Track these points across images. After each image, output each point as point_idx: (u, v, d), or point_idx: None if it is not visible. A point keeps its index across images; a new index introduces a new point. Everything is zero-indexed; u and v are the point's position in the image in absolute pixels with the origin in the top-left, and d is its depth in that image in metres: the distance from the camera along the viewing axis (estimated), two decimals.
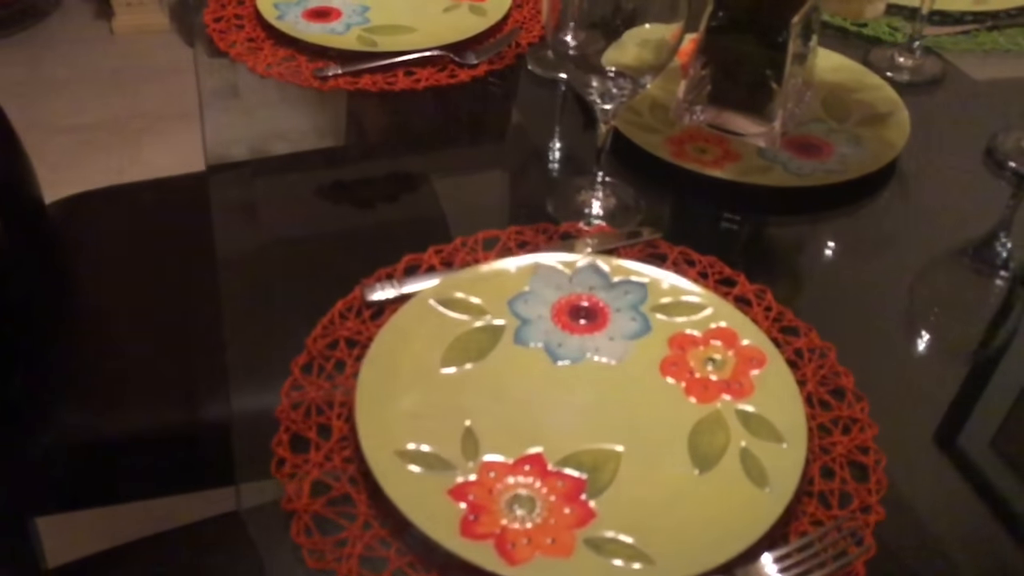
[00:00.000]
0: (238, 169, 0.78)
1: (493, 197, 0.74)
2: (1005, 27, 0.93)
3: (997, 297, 0.67)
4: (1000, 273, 0.69)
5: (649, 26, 0.65)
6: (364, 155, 0.81)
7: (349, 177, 0.78)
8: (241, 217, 0.72)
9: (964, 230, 0.72)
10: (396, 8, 0.94)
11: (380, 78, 0.84)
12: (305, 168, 0.79)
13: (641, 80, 0.63)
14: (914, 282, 0.67)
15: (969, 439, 0.56)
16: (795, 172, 0.73)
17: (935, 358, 0.62)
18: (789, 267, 0.68)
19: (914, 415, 0.57)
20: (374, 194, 0.75)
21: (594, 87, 0.63)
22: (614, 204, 0.70)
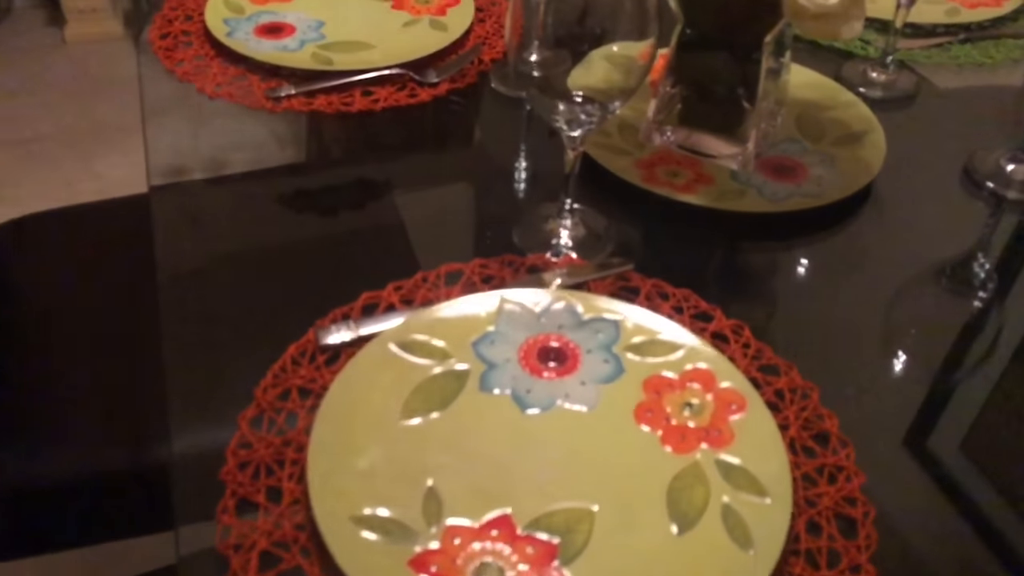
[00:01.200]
0: (183, 191, 0.74)
1: (456, 226, 0.70)
2: (978, 40, 0.91)
3: (979, 324, 0.64)
4: (979, 295, 0.66)
5: (617, 46, 0.63)
6: (321, 177, 0.77)
7: (304, 203, 0.73)
8: (185, 247, 0.67)
9: (942, 252, 0.70)
10: (353, 23, 0.90)
11: (336, 98, 0.80)
12: (257, 190, 0.75)
13: (610, 105, 0.60)
14: (893, 310, 0.65)
15: (961, 479, 0.53)
16: (770, 197, 0.70)
17: (919, 389, 0.59)
18: (766, 298, 0.66)
19: (900, 458, 0.54)
20: (331, 221, 0.71)
21: (560, 113, 0.60)
22: (583, 233, 0.67)
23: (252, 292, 0.63)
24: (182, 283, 0.64)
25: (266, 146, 0.79)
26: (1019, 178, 0.73)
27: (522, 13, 0.59)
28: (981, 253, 0.70)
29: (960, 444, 0.55)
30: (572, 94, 0.61)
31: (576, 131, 0.60)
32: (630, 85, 0.60)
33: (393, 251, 0.67)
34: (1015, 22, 0.95)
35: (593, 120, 0.59)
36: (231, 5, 0.91)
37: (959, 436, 0.56)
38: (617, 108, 0.60)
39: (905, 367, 0.60)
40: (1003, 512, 0.52)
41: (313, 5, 0.92)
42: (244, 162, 0.77)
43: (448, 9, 0.92)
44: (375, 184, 0.75)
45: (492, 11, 0.94)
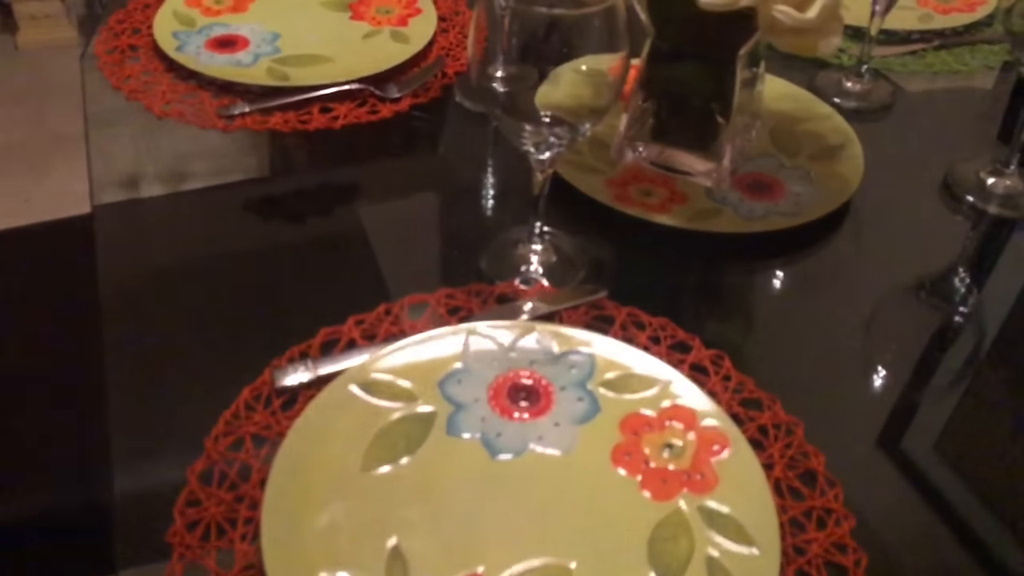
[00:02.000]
0: (127, 212, 0.70)
1: (421, 252, 0.67)
2: (952, 46, 0.90)
3: (969, 349, 0.62)
4: (965, 316, 0.64)
5: (586, 61, 0.60)
6: (277, 199, 0.73)
7: (259, 227, 0.69)
8: (130, 276, 0.63)
9: (924, 269, 0.67)
10: (310, 36, 0.86)
11: (293, 116, 0.77)
12: (209, 211, 0.71)
13: (580, 127, 0.56)
14: (875, 332, 0.62)
15: (958, 511, 0.51)
16: (747, 215, 0.67)
17: (904, 418, 0.57)
18: (745, 323, 0.63)
19: (889, 498, 0.51)
20: (289, 247, 0.67)
21: (527, 135, 0.56)
22: (554, 258, 0.64)
23: (203, 327, 0.59)
24: (126, 317, 0.60)
25: (220, 162, 0.75)
26: (999, 192, 0.72)
27: (486, 25, 0.56)
28: (964, 270, 0.67)
29: (954, 469, 0.53)
30: (539, 114, 0.58)
31: (544, 154, 0.57)
32: (600, 103, 0.57)
33: (355, 279, 0.63)
34: (989, 27, 0.93)
35: (563, 142, 0.56)
36: (181, 17, 0.87)
37: (949, 463, 0.54)
38: (587, 130, 0.56)
39: (889, 393, 0.58)
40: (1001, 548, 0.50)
41: (268, 16, 0.88)
42: (196, 179, 0.74)
43: (410, 19, 0.89)
44: (334, 207, 0.71)
45: (456, 21, 0.91)
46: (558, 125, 0.56)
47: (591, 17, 0.52)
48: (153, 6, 0.89)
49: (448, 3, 0.93)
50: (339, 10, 0.90)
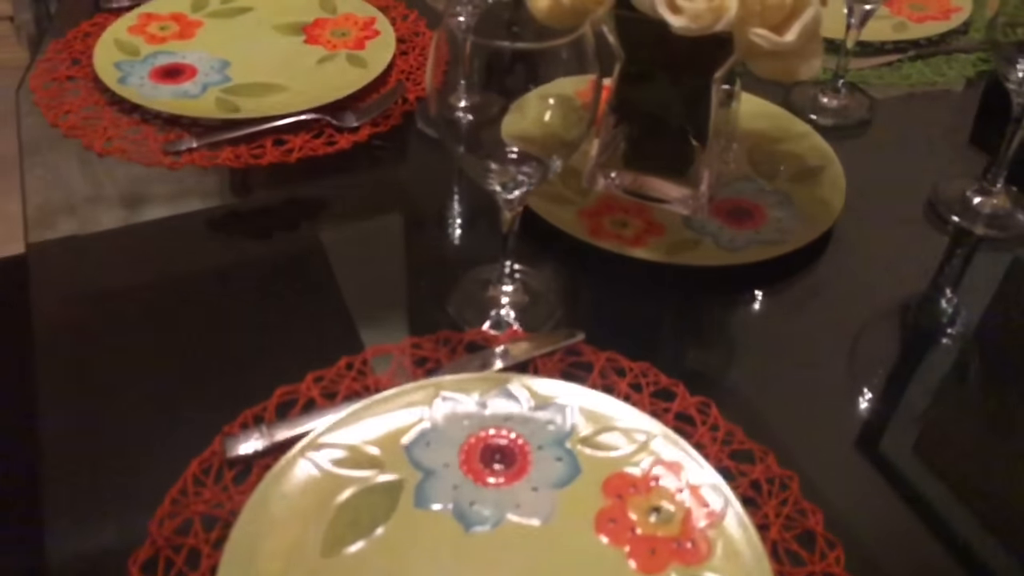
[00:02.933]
0: (66, 249, 0.65)
1: (384, 295, 0.62)
2: (928, 56, 0.87)
3: (969, 384, 0.59)
4: (954, 338, 0.61)
5: (554, 88, 0.56)
6: (229, 239, 0.68)
7: (207, 272, 0.65)
8: (66, 322, 0.59)
9: (912, 295, 0.65)
10: (261, 62, 0.82)
11: (245, 150, 0.72)
12: (155, 250, 0.66)
13: (550, 162, 0.53)
14: (866, 368, 0.59)
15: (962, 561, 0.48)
16: (727, 246, 0.64)
17: (903, 458, 0.54)
18: (730, 364, 0.59)
19: (891, 554, 0.48)
20: (240, 294, 0.63)
21: (493, 173, 0.52)
22: (527, 299, 0.60)
23: (147, 388, 0.55)
24: (60, 378, 0.55)
25: (167, 195, 0.70)
26: (986, 211, 0.69)
27: (446, 54, 0.52)
28: (955, 297, 0.64)
29: (963, 513, 0.50)
30: (505, 150, 0.54)
31: (513, 193, 0.53)
32: (572, 133, 0.54)
33: (313, 328, 0.59)
34: (964, 35, 0.91)
35: (532, 181, 0.52)
36: (124, 46, 0.82)
37: (954, 506, 0.51)
38: (558, 166, 0.53)
39: (884, 434, 0.55)
40: None
41: (217, 43, 0.84)
42: (141, 213, 0.69)
43: (367, 42, 0.85)
44: (290, 248, 0.67)
45: (416, 43, 0.87)
46: (526, 162, 0.53)
47: (558, 49, 0.48)
48: (94, 34, 0.84)
49: (407, 24, 0.89)
50: (292, 34, 0.86)
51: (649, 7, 0.54)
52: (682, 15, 0.53)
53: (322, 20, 0.87)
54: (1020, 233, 0.68)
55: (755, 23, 0.53)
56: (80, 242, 0.66)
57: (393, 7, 0.91)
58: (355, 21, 0.87)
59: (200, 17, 0.87)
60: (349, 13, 0.88)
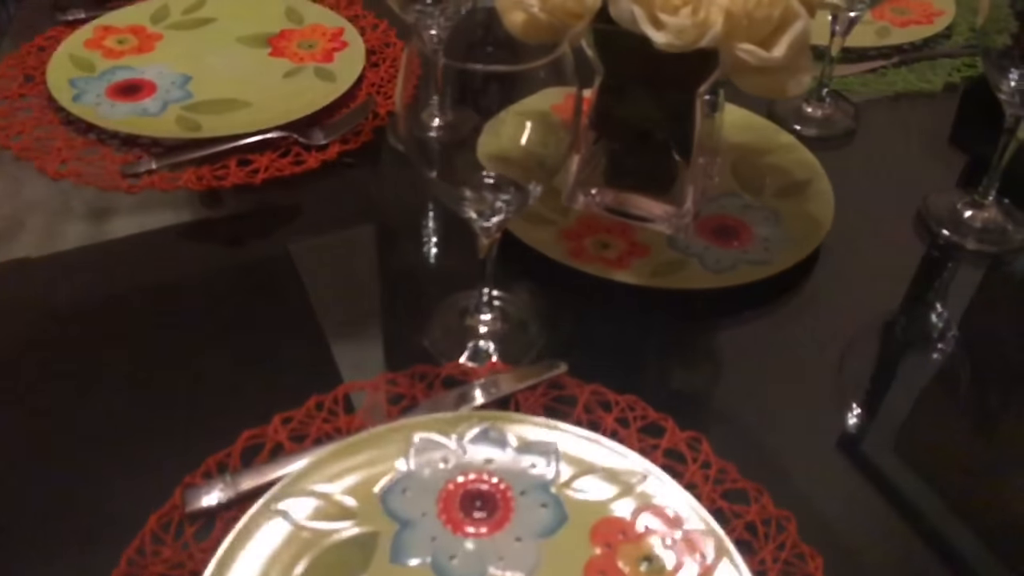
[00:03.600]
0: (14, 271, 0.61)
1: (356, 326, 0.59)
2: (913, 62, 0.85)
3: (970, 416, 0.57)
4: (945, 351, 0.59)
5: (532, 102, 0.54)
6: (187, 265, 0.65)
7: (167, 300, 0.61)
8: (10, 350, 0.55)
9: (904, 313, 0.63)
10: (224, 77, 0.78)
11: (207, 171, 0.69)
12: (104, 275, 0.62)
13: (530, 189, 0.50)
14: (860, 392, 0.57)
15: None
16: (713, 267, 0.61)
17: (906, 490, 0.51)
18: (721, 394, 0.57)
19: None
20: (202, 326, 0.59)
21: (468, 201, 0.50)
22: (506, 328, 0.57)
23: (98, 433, 0.51)
24: (2, 420, 0.52)
25: (119, 214, 0.66)
26: (977, 225, 0.67)
27: (417, 68, 0.49)
28: (947, 314, 0.62)
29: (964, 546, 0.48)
30: (481, 174, 0.51)
31: (490, 220, 0.50)
32: (550, 153, 0.51)
33: (280, 363, 0.56)
34: (948, 39, 0.89)
35: (510, 208, 0.50)
36: (79, 62, 0.78)
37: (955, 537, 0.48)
38: (538, 192, 0.50)
39: (880, 463, 0.52)
40: None
41: (177, 57, 0.80)
42: (88, 234, 0.65)
43: (335, 54, 0.81)
44: (253, 276, 0.63)
45: (387, 54, 0.83)
46: (503, 188, 0.50)
47: (535, 71, 0.45)
48: (49, 48, 0.80)
49: (377, 35, 0.85)
50: (257, 46, 0.82)
51: (630, 22, 0.51)
52: (665, 31, 0.50)
53: (288, 31, 0.84)
54: (1013, 247, 0.66)
55: (741, 38, 0.51)
56: (33, 265, 0.62)
57: (362, 17, 0.88)
58: (323, 32, 0.84)
59: (160, 29, 0.83)
60: (316, 23, 0.85)
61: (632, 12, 0.51)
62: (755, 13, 0.50)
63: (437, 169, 0.51)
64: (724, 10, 0.50)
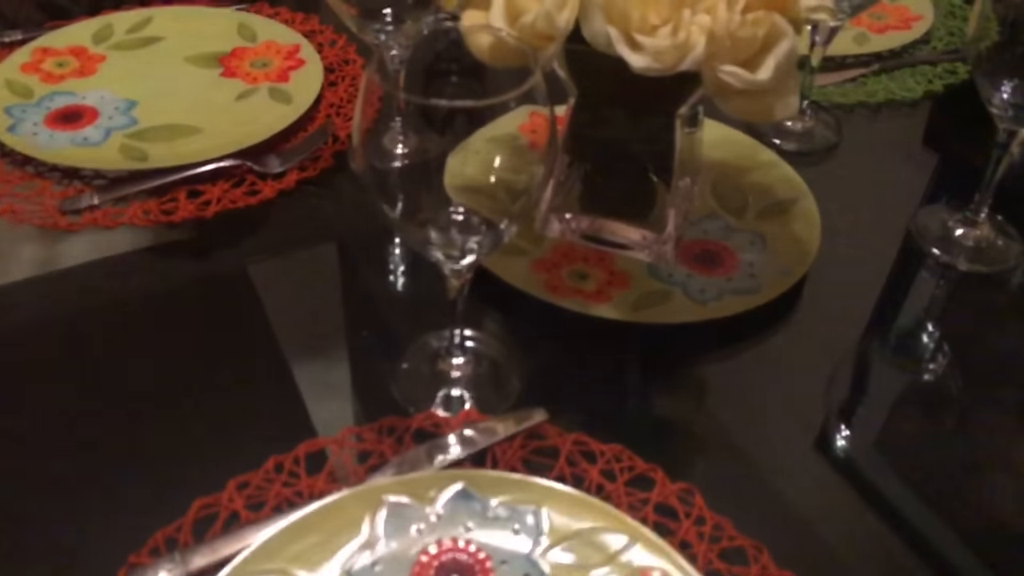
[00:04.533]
0: None
1: (317, 373, 0.55)
2: (892, 69, 0.82)
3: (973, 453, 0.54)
4: (943, 379, 0.57)
5: (500, 128, 0.50)
6: (131, 306, 0.60)
7: (109, 345, 0.57)
8: None
9: (901, 343, 0.60)
10: (172, 101, 0.73)
11: (154, 205, 0.64)
12: (39, 318, 0.57)
13: (503, 228, 0.46)
14: (859, 429, 0.54)
15: None
16: (698, 297, 0.58)
17: (917, 540, 0.48)
18: (711, 439, 0.53)
19: None
20: (147, 377, 0.55)
21: (434, 244, 0.46)
22: (481, 372, 0.53)
23: (28, 507, 0.47)
24: None
25: (52, 249, 0.62)
26: (969, 243, 0.64)
27: (377, 97, 0.45)
28: (946, 343, 0.59)
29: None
30: (448, 210, 0.48)
31: (459, 263, 0.46)
32: (522, 182, 0.48)
33: (236, 417, 0.51)
34: (928, 45, 0.86)
35: (482, 249, 0.46)
36: (16, 87, 0.73)
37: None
38: (512, 231, 0.46)
39: (894, 515, 0.49)
40: None
41: (121, 80, 0.75)
42: (22, 269, 0.60)
43: (291, 73, 0.77)
44: (206, 317, 0.59)
45: (346, 71, 0.79)
46: (474, 229, 0.46)
47: (506, 103, 0.41)
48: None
49: (336, 51, 0.81)
50: (207, 66, 0.78)
51: (605, 44, 0.48)
52: (643, 53, 0.47)
53: (241, 49, 0.79)
54: (1006, 267, 0.63)
55: (724, 59, 0.47)
56: None
57: (319, 32, 0.83)
58: (277, 49, 0.79)
59: (103, 50, 0.78)
60: (271, 40, 0.80)
61: (607, 33, 0.47)
62: (739, 32, 0.47)
63: (401, 205, 0.47)
64: (706, 30, 0.46)
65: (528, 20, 0.48)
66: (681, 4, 0.47)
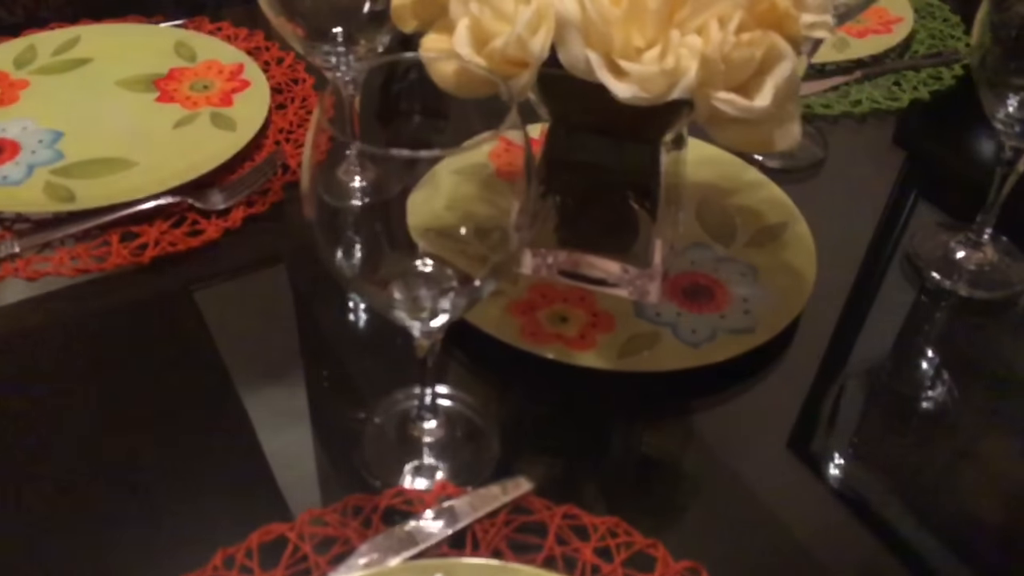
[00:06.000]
0: None
1: (271, 446, 0.49)
2: (876, 76, 0.78)
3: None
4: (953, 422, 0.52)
5: (468, 159, 0.45)
6: (54, 378, 0.54)
7: (35, 425, 0.50)
8: None
9: (910, 382, 0.56)
10: (103, 130, 0.66)
11: (83, 251, 0.58)
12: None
13: (478, 282, 0.40)
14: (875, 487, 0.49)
15: None
16: (689, 339, 0.53)
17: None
18: (716, 506, 0.48)
19: None
20: (76, 463, 0.49)
21: (397, 305, 0.40)
22: (455, 438, 0.48)
23: None
24: None
25: None
26: (970, 267, 0.60)
27: (325, 149, 0.40)
28: (958, 385, 0.55)
29: None
30: (414, 265, 0.42)
31: (428, 325, 0.41)
32: (497, 219, 0.42)
33: (177, 506, 0.45)
34: (909, 49, 0.83)
35: (456, 310, 0.40)
36: None
37: None
38: (491, 288, 0.40)
39: None
40: None
41: (46, 107, 0.68)
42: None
43: (235, 96, 0.70)
44: (141, 387, 0.52)
45: (295, 92, 0.73)
46: (445, 286, 0.40)
47: (476, 150, 0.36)
48: None
49: (283, 70, 0.75)
50: (142, 90, 0.71)
51: (585, 70, 0.42)
52: (628, 81, 0.41)
53: (179, 70, 0.73)
54: (1011, 293, 0.59)
55: (718, 85, 0.42)
56: None
57: (265, 49, 0.77)
58: (219, 69, 0.73)
59: (25, 75, 0.71)
60: (212, 60, 0.74)
61: (587, 58, 0.42)
62: (733, 55, 0.42)
63: (359, 257, 0.41)
64: (697, 53, 0.41)
65: (498, 45, 0.42)
66: (668, 24, 0.42)
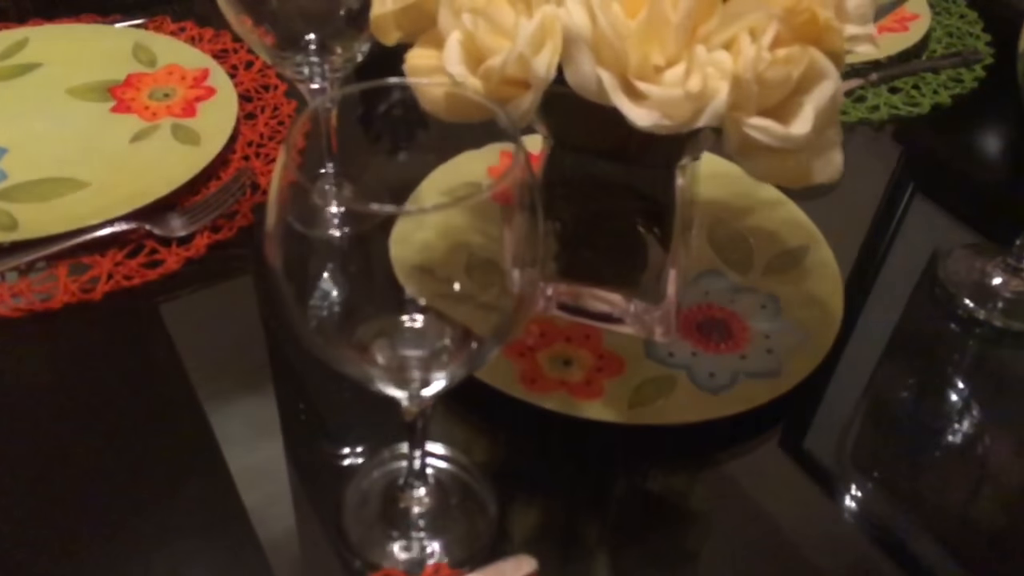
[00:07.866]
0: None
1: (239, 521, 0.43)
2: (893, 79, 0.73)
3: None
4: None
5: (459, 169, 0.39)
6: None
7: None
8: None
9: (949, 432, 0.50)
10: (50, 146, 0.60)
11: (26, 287, 0.51)
12: None
13: (484, 344, 0.35)
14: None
15: None
16: (708, 384, 0.47)
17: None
18: (738, 570, 0.43)
19: None
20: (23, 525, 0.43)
21: (380, 371, 0.34)
22: (448, 509, 0.42)
23: None
24: None
25: None
26: (1008, 294, 0.55)
27: (289, 195, 0.35)
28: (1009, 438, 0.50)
29: None
30: (400, 321, 0.36)
31: (419, 394, 0.35)
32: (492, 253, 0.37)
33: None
34: (927, 48, 0.77)
35: (453, 379, 0.34)
36: None
37: None
38: (494, 352, 0.34)
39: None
40: None
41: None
42: None
43: (198, 104, 0.64)
44: (94, 450, 0.46)
45: (265, 100, 0.66)
46: (437, 353, 0.35)
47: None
48: None
49: (252, 75, 0.68)
50: (96, 99, 0.64)
51: (596, 92, 0.36)
52: (648, 105, 0.35)
53: (137, 76, 0.66)
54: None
55: (750, 109, 0.37)
56: None
57: (232, 52, 0.70)
58: (182, 75, 0.66)
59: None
60: (174, 64, 0.67)
61: (598, 78, 0.36)
62: (768, 74, 0.36)
63: (336, 312, 0.36)
64: (728, 73, 0.35)
65: (495, 64, 0.36)
66: (692, 38, 0.36)
